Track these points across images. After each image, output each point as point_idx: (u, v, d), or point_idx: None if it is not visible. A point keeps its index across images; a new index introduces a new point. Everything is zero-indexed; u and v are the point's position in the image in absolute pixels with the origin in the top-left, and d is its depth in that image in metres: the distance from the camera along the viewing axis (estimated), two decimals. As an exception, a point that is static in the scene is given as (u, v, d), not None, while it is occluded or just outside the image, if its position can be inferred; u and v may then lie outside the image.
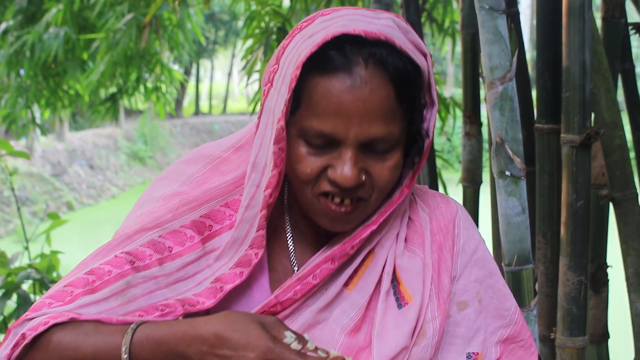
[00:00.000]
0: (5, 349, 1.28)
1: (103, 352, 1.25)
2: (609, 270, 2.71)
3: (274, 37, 4.30)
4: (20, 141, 15.90)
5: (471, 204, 3.00)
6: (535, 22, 2.54)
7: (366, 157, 1.26)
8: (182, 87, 26.90)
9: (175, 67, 22.92)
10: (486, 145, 2.45)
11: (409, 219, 1.43)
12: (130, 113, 24.67)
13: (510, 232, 2.06)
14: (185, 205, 1.36)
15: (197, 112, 33.06)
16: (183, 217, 1.36)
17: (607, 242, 2.69)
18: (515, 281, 2.08)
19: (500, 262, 2.12)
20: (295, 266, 1.39)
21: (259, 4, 4.31)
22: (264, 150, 1.30)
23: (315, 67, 1.22)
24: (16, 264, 3.82)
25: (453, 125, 4.08)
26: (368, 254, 1.38)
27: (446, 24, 4.80)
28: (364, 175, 1.27)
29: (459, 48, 3.81)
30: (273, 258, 1.40)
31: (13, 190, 4.29)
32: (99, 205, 19.87)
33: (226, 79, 36.33)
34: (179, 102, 28.11)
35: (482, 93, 2.40)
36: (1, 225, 16.48)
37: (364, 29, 1.22)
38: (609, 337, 2.76)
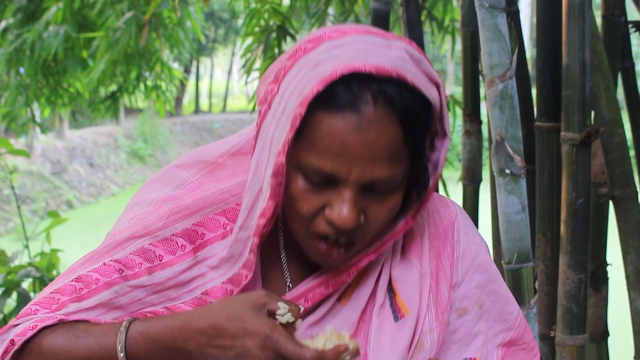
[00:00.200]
0: None
1: (98, 354, 1.24)
2: (608, 269, 2.71)
3: (273, 35, 4.29)
4: (20, 139, 15.90)
5: (471, 202, 3.00)
6: (535, 20, 2.55)
7: (365, 198, 1.21)
8: (182, 86, 26.90)
9: (175, 65, 22.91)
10: (486, 144, 2.45)
11: None
12: (130, 111, 24.68)
13: (510, 230, 2.06)
14: (178, 213, 1.32)
15: (197, 110, 33.05)
16: (174, 225, 1.32)
17: (607, 240, 2.70)
18: (515, 279, 2.08)
19: (500, 260, 2.12)
20: (289, 285, 1.36)
21: (259, 2, 4.31)
22: (259, 175, 1.25)
23: (320, 101, 1.15)
24: (16, 263, 3.82)
25: (453, 124, 4.07)
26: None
27: (446, 22, 4.80)
28: (363, 217, 1.22)
29: (458, 46, 3.81)
30: (267, 276, 1.36)
31: (13, 188, 4.28)
32: (99, 204, 19.88)
33: (226, 77, 36.33)
34: (178, 100, 28.11)
35: (482, 91, 2.40)
36: (1, 224, 16.48)
37: (375, 65, 1.14)
38: (608, 335, 2.76)
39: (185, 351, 1.21)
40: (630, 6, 3.06)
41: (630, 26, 2.78)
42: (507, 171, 2.04)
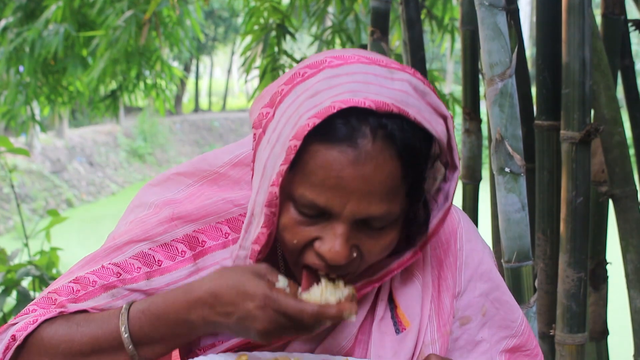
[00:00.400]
0: None
1: (101, 338, 1.23)
2: (608, 267, 2.71)
3: (273, 33, 4.29)
4: (19, 138, 15.89)
5: (471, 200, 3.00)
6: (535, 18, 2.54)
7: (359, 233, 1.18)
8: (182, 84, 26.90)
9: (175, 64, 22.90)
10: (486, 142, 2.45)
11: None
12: (130, 110, 24.67)
13: (509, 228, 2.06)
14: (179, 218, 1.31)
15: (196, 109, 33.06)
16: (175, 230, 1.31)
17: (606, 238, 2.70)
18: (515, 278, 2.08)
19: (500, 259, 2.12)
20: None
21: (258, 1, 4.31)
22: (254, 201, 1.23)
23: (316, 133, 1.12)
24: (16, 261, 3.82)
25: (452, 122, 4.07)
26: None
27: (446, 20, 4.80)
28: (355, 253, 1.19)
29: (458, 45, 3.80)
30: None
31: (13, 187, 4.28)
32: (98, 202, 19.88)
33: (226, 75, 36.32)
34: (178, 99, 28.10)
35: (482, 90, 2.40)
36: (1, 222, 16.48)
37: (375, 99, 1.11)
38: (608, 334, 2.76)
39: (188, 323, 1.20)
40: (630, 5, 3.06)
41: (629, 25, 2.78)
42: (507, 170, 2.04)
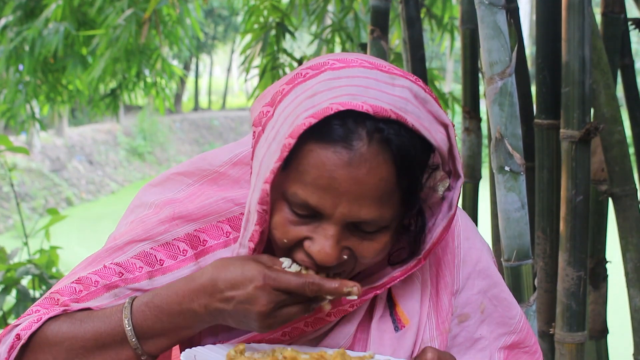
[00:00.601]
0: (0, 354, 1.25)
1: (104, 333, 1.23)
2: (608, 266, 2.71)
3: (272, 32, 4.29)
4: (19, 137, 15.88)
5: (470, 199, 3.00)
6: (534, 17, 2.54)
7: (351, 235, 1.18)
8: (182, 83, 26.89)
9: (175, 62, 22.90)
10: (485, 141, 2.45)
11: None
12: (130, 109, 24.67)
13: (509, 227, 2.06)
14: (180, 218, 1.32)
15: (196, 107, 33.06)
16: (176, 229, 1.31)
17: (606, 237, 2.70)
18: (515, 277, 2.08)
19: (500, 258, 2.12)
20: None
21: (258, -1, 4.31)
22: (250, 199, 1.23)
23: (312, 133, 1.12)
24: (15, 260, 3.82)
25: (452, 120, 4.08)
26: None
27: (445, 19, 4.80)
28: (346, 255, 1.19)
29: (458, 43, 3.81)
30: None
31: (12, 185, 4.29)
32: (98, 201, 19.87)
33: (225, 74, 36.30)
34: (178, 97, 28.10)
35: (482, 88, 2.40)
36: (0, 221, 16.48)
37: (373, 104, 1.11)
38: (608, 333, 2.76)
39: (191, 312, 1.20)
40: (629, 3, 3.06)
41: (629, 23, 2.78)
42: (507, 168, 2.04)
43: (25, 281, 3.69)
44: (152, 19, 4.91)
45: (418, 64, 3.01)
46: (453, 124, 1.21)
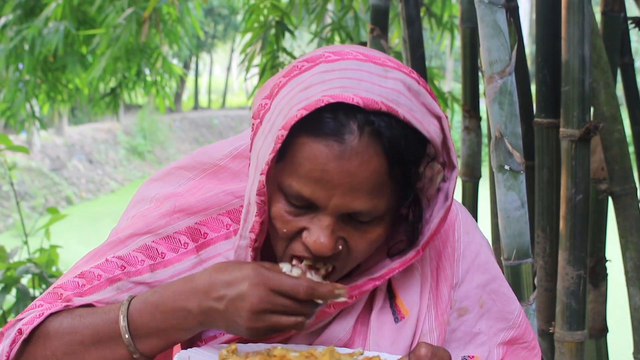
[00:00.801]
0: (2, 348, 1.26)
1: (101, 329, 1.24)
2: (607, 265, 2.71)
3: (272, 31, 4.29)
4: (19, 135, 15.88)
5: (470, 198, 3.00)
6: (534, 16, 2.54)
7: (346, 226, 1.20)
8: (182, 82, 26.89)
9: (175, 61, 22.89)
10: (485, 140, 2.45)
11: None
12: (130, 107, 24.66)
13: (509, 226, 2.06)
14: (181, 211, 1.33)
15: (196, 106, 33.04)
16: (177, 223, 1.32)
17: (606, 236, 2.70)
18: (514, 275, 2.08)
19: (500, 257, 2.12)
20: None
21: (258, -2, 4.30)
22: (249, 191, 1.25)
23: (305, 126, 1.14)
24: (15, 259, 3.82)
25: (451, 120, 4.07)
26: None
27: (445, 18, 4.80)
28: (341, 245, 1.21)
29: (458, 42, 3.80)
30: None
31: (12, 184, 4.28)
32: (98, 200, 19.87)
33: (225, 73, 36.29)
34: (178, 96, 28.09)
35: (482, 87, 2.40)
36: (0, 220, 16.48)
37: (364, 97, 1.12)
38: (607, 331, 2.76)
39: (185, 311, 1.20)
40: (629, 2, 3.06)
41: (629, 22, 2.78)
42: (507, 167, 2.04)
43: (25, 280, 3.69)
44: (152, 18, 4.90)
45: (418, 63, 3.01)
46: (447, 116, 1.22)
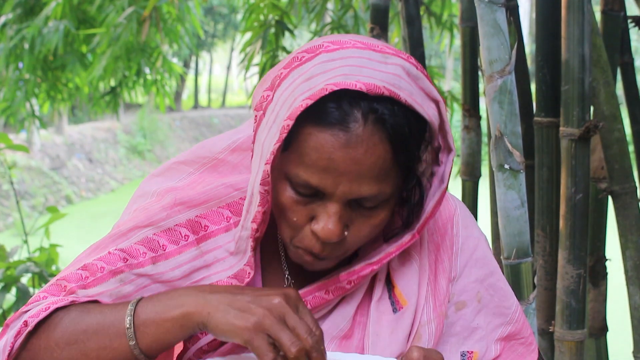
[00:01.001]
0: (6, 339, 1.26)
1: (107, 323, 1.23)
2: (607, 264, 2.71)
3: (272, 30, 4.29)
4: (19, 135, 15.88)
5: (470, 197, 3.00)
6: (534, 15, 2.54)
7: (352, 212, 1.22)
8: (182, 81, 26.88)
9: (174, 60, 22.88)
10: (485, 139, 2.45)
11: None
12: (129, 107, 24.65)
13: (509, 225, 2.06)
14: (181, 204, 1.34)
15: (196, 105, 33.04)
16: (177, 215, 1.33)
17: (606, 235, 2.70)
18: (514, 275, 2.08)
19: (499, 256, 2.12)
20: (291, 286, 1.37)
21: (258, -3, 4.30)
22: (252, 181, 1.26)
23: (310, 116, 1.16)
24: (15, 258, 3.82)
25: (451, 119, 4.07)
26: None
27: (445, 17, 4.80)
28: (346, 232, 1.23)
29: (457, 41, 3.80)
30: (267, 278, 1.38)
31: (12, 183, 4.29)
32: (98, 199, 19.87)
33: (225, 72, 36.29)
34: (178, 95, 28.09)
35: (481, 86, 2.40)
36: (0, 219, 16.48)
37: (366, 82, 1.14)
38: (607, 330, 2.76)
39: (180, 290, 1.23)
40: (629, 1, 3.06)
41: (629, 21, 2.78)
42: (506, 166, 2.04)
43: (25, 279, 3.69)
44: (152, 17, 4.90)
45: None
46: (444, 100, 1.24)
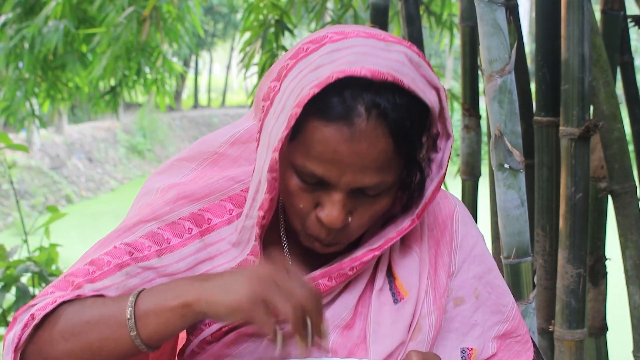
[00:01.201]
0: (14, 332, 1.28)
1: (108, 312, 1.25)
2: (607, 263, 2.71)
3: (272, 29, 4.29)
4: (19, 134, 15.88)
5: (470, 196, 3.00)
6: (534, 14, 2.54)
7: (356, 199, 1.26)
8: (182, 80, 26.88)
9: (174, 59, 22.87)
10: (485, 138, 2.45)
11: None
12: (129, 106, 24.64)
13: (509, 225, 2.07)
14: (184, 198, 1.36)
15: (195, 105, 33.02)
16: (181, 209, 1.36)
17: (605, 234, 2.70)
18: (514, 274, 2.08)
19: (499, 255, 2.12)
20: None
21: (258, -3, 4.30)
22: (260, 169, 1.29)
23: (315, 110, 1.19)
24: (15, 257, 3.82)
25: (451, 118, 4.07)
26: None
27: (445, 16, 4.80)
28: (350, 218, 1.27)
29: (457, 41, 3.80)
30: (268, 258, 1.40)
31: (12, 183, 4.29)
32: (97, 199, 19.86)
33: (225, 71, 36.27)
34: (178, 95, 28.08)
35: (481, 86, 2.40)
36: (0, 219, 16.48)
37: (371, 68, 1.17)
38: (607, 330, 2.76)
39: (178, 280, 1.24)
40: (629, 1, 3.06)
41: (629, 21, 2.78)
42: (506, 166, 2.05)
43: (25, 279, 3.69)
44: (152, 17, 4.90)
45: (417, 62, 3.01)
46: (444, 88, 1.28)
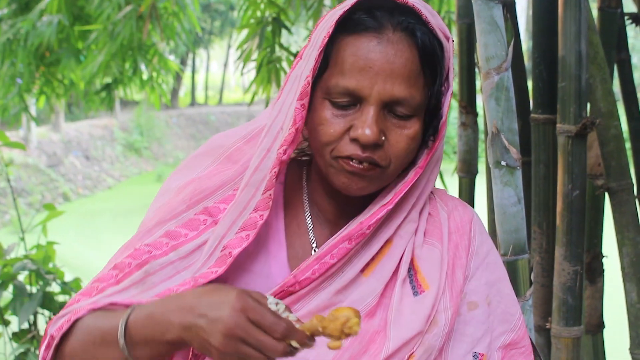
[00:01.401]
0: (41, 354, 1.36)
1: (106, 330, 1.29)
2: (604, 260, 2.71)
3: (269, 27, 4.28)
4: (18, 132, 15.87)
5: (467, 194, 3.00)
6: (531, 12, 2.54)
7: (387, 120, 1.31)
8: (178, 78, 26.84)
9: (171, 57, 22.84)
10: (482, 136, 2.45)
11: (429, 214, 1.46)
12: (126, 104, 24.64)
13: (506, 222, 2.06)
14: (200, 193, 1.39)
15: (193, 102, 33.01)
16: (197, 205, 1.39)
17: (602, 232, 2.70)
18: (511, 271, 2.08)
19: (496, 252, 2.12)
20: (314, 243, 1.43)
21: (255, -6, 4.29)
22: (283, 114, 1.35)
23: (346, 29, 1.30)
24: (12, 255, 3.81)
25: (448, 116, 4.07)
26: (386, 242, 1.40)
27: (442, 14, 4.79)
28: (383, 137, 1.30)
29: (454, 38, 3.80)
30: (291, 235, 1.43)
31: (9, 181, 4.28)
32: (94, 196, 19.86)
33: (222, 69, 36.24)
34: (175, 92, 28.06)
35: (478, 83, 2.40)
36: (-3, 216, 16.46)
37: None
38: (604, 327, 2.76)
39: (169, 324, 1.23)
40: (626, -2, 3.06)
41: (626, 18, 2.78)
42: (503, 163, 2.04)
43: (22, 277, 3.69)
44: (152, 15, 4.89)
45: (415, 59, 3.00)
46: (453, 40, 1.37)
